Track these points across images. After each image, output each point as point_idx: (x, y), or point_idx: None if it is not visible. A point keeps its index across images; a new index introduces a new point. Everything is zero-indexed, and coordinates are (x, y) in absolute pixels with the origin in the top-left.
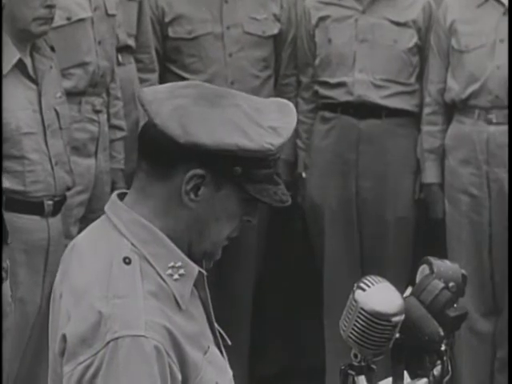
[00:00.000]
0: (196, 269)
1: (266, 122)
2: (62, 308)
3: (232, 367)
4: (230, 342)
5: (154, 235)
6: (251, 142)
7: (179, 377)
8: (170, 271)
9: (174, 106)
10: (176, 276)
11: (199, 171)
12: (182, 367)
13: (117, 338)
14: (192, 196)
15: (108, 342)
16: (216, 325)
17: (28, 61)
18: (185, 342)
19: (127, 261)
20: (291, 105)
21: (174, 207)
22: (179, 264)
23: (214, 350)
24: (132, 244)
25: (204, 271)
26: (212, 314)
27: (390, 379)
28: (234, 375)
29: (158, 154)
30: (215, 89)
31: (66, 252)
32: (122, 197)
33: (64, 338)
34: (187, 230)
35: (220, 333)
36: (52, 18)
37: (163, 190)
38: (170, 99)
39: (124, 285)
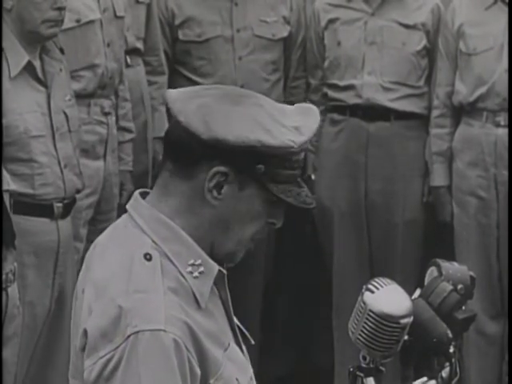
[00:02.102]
0: (216, 267)
1: (288, 123)
2: (84, 303)
3: None
4: (252, 342)
5: (174, 233)
6: (273, 139)
7: (198, 372)
8: (190, 269)
9: (198, 104)
10: (196, 274)
11: (222, 168)
12: (201, 363)
13: (137, 332)
14: (215, 194)
15: (128, 336)
16: (238, 323)
17: (37, 63)
18: (205, 338)
19: (148, 257)
20: (314, 108)
21: (197, 205)
22: (199, 262)
23: (234, 347)
24: (153, 241)
25: (224, 270)
26: (232, 312)
27: None
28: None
29: (181, 153)
30: (239, 89)
31: (89, 251)
32: (144, 196)
33: (85, 332)
34: (210, 230)
35: (242, 332)
36: (62, 21)
37: (186, 188)
38: (194, 98)
39: (144, 280)
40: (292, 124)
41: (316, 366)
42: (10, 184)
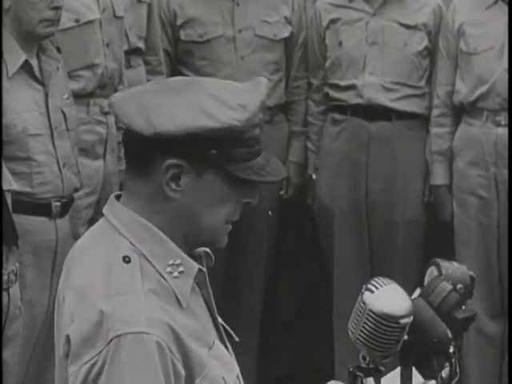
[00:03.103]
0: (196, 266)
1: (234, 101)
2: (66, 310)
3: (241, 367)
4: (237, 339)
5: (152, 233)
6: (216, 122)
7: (183, 373)
8: (169, 269)
9: (139, 103)
10: (176, 273)
11: (174, 161)
12: (185, 363)
13: (119, 336)
14: (173, 186)
15: (110, 340)
16: (222, 321)
17: (34, 62)
18: (188, 338)
19: (127, 259)
20: (264, 81)
21: (161, 202)
22: (178, 261)
23: (219, 345)
24: (130, 243)
25: (204, 269)
26: (215, 310)
27: (397, 369)
28: (243, 375)
29: (134, 154)
30: (184, 78)
31: (68, 255)
32: (118, 198)
33: (68, 339)
34: (180, 223)
35: (226, 330)
36: (58, 20)
37: (146, 187)
38: (136, 97)
39: (124, 283)
40: (238, 102)
41: (316, 365)
42: (12, 184)
